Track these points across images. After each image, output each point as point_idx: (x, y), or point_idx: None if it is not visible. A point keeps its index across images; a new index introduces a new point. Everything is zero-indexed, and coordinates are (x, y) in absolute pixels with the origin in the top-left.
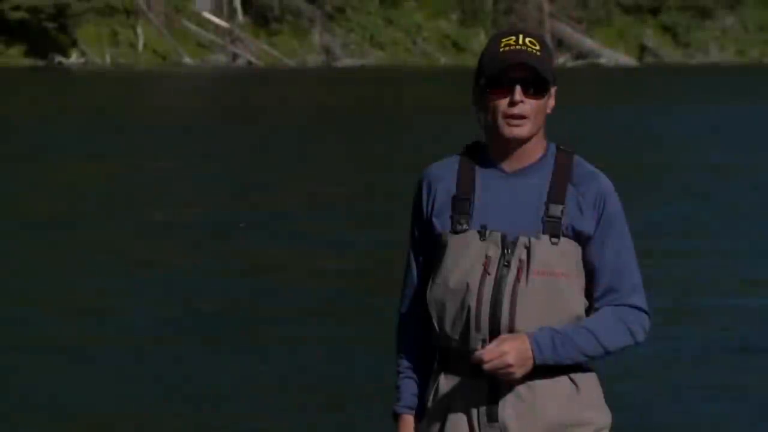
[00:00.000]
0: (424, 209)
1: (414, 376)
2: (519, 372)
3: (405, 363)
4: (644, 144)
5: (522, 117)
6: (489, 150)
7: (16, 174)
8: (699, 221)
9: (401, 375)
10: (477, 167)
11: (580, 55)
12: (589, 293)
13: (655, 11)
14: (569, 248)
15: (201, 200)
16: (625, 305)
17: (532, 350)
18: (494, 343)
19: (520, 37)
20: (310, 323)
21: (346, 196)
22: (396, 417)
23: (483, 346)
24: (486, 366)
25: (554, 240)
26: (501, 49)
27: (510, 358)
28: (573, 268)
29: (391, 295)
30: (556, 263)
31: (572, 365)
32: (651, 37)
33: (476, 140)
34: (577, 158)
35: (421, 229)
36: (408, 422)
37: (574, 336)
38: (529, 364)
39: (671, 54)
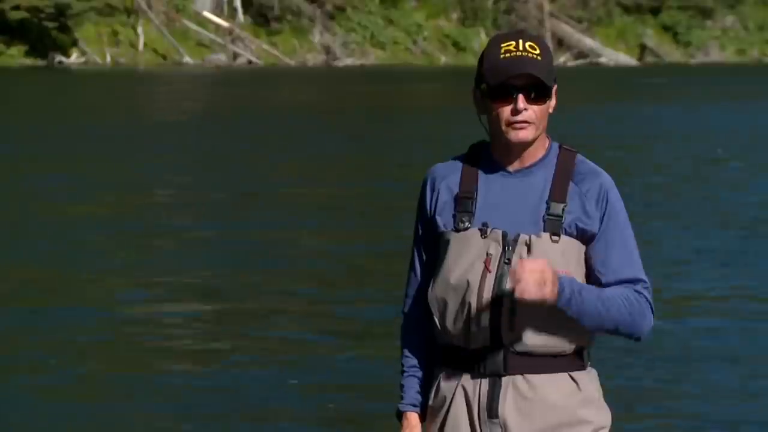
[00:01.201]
0: (428, 207)
1: (418, 374)
2: (543, 293)
3: (409, 361)
4: (645, 143)
5: (526, 122)
6: (492, 150)
7: (16, 173)
8: (699, 219)
9: (405, 373)
10: (481, 166)
11: (580, 54)
12: None
13: (655, 11)
14: (570, 246)
15: (200, 200)
16: (642, 296)
17: (560, 280)
18: (539, 261)
19: (520, 42)
20: (313, 323)
21: (347, 195)
22: (400, 415)
23: (484, 345)
24: (527, 268)
25: (554, 238)
26: (501, 56)
27: (549, 276)
28: (573, 265)
29: (396, 294)
30: (557, 261)
31: (572, 363)
32: (651, 37)
33: (481, 140)
34: (579, 157)
35: (425, 228)
36: (412, 420)
37: (589, 297)
38: (555, 285)
39: (671, 53)
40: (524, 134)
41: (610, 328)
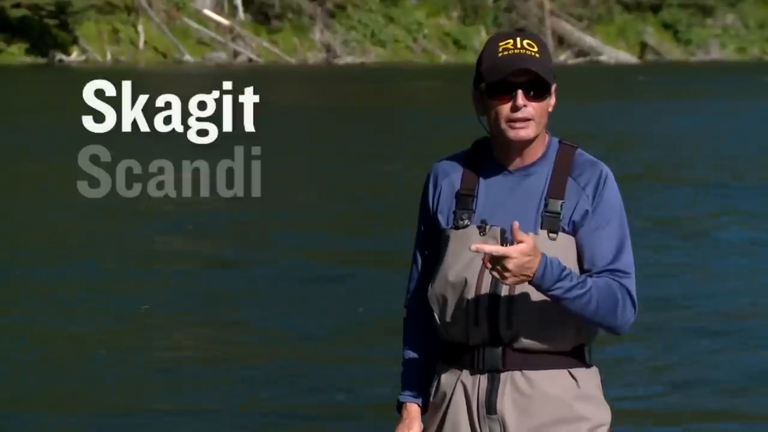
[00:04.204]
0: (430, 204)
1: (419, 366)
2: (510, 281)
3: (410, 354)
4: (645, 142)
5: (526, 120)
6: (494, 149)
7: (16, 173)
8: (699, 218)
9: (406, 366)
10: (482, 164)
11: (580, 52)
12: None
13: (655, 9)
14: (568, 243)
15: (200, 200)
16: (624, 287)
17: (539, 269)
18: (513, 248)
19: (518, 40)
20: (316, 316)
21: (347, 193)
22: (400, 406)
23: (483, 342)
24: (487, 261)
25: (552, 236)
26: (500, 54)
27: (510, 264)
28: (571, 263)
29: (398, 288)
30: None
31: (571, 360)
32: (652, 35)
33: (485, 136)
34: (578, 151)
35: (427, 224)
36: (412, 410)
37: (577, 287)
38: (527, 276)
39: (672, 51)
40: (524, 133)
41: (588, 315)
